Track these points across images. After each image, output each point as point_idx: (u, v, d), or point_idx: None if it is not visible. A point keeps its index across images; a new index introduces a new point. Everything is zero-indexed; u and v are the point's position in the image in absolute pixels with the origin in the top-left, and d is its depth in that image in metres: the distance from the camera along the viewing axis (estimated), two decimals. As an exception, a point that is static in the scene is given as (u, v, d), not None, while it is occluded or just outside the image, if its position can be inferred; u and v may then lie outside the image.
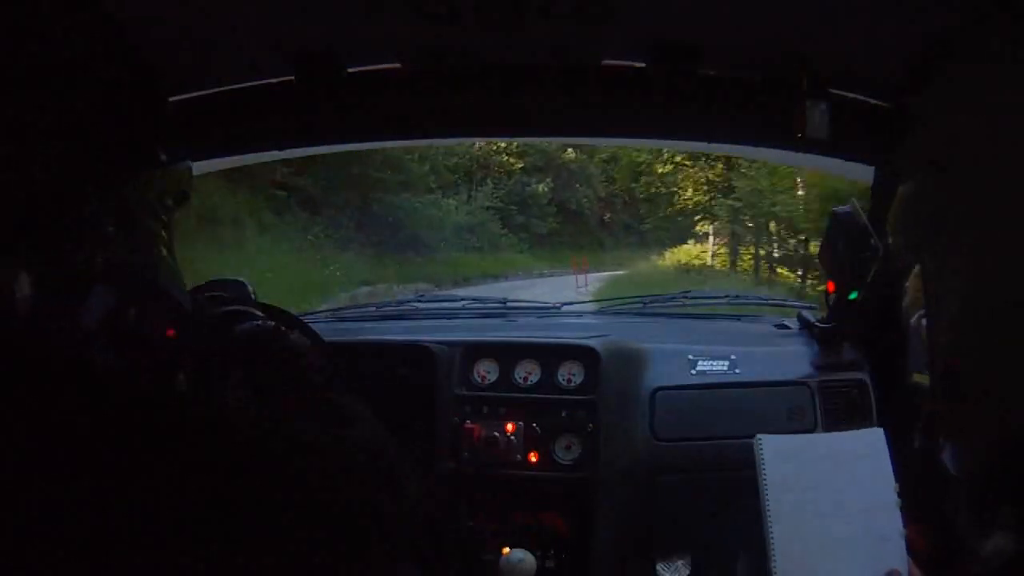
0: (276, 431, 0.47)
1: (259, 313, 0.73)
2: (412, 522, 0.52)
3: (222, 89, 0.97)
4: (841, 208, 1.20)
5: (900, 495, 0.94)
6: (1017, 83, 0.35)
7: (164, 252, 0.54)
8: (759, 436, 1.01)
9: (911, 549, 0.94)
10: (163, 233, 0.58)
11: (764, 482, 0.97)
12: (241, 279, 0.78)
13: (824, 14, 0.78)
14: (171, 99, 0.91)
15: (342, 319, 1.57)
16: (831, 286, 1.22)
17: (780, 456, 0.98)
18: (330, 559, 0.39)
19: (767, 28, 0.84)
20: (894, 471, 0.97)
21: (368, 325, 1.54)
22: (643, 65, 0.94)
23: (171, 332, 0.51)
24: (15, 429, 0.36)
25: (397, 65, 0.96)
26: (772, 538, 0.92)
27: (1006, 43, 0.36)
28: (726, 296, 1.68)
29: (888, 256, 1.12)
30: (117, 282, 0.47)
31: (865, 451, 0.98)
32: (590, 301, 1.68)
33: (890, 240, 1.10)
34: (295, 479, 0.41)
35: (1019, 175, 0.34)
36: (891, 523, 0.92)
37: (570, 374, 1.23)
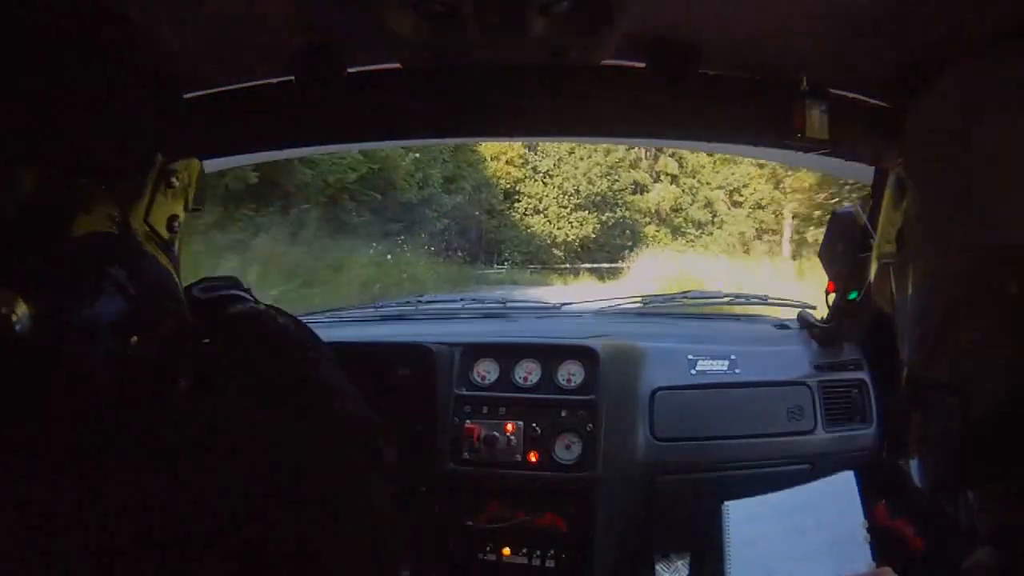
0: (273, 429, 0.47)
1: (250, 297, 0.75)
2: (390, 487, 0.54)
3: (222, 89, 0.97)
4: (841, 208, 1.20)
5: (869, 531, 0.96)
6: (1010, 91, 0.35)
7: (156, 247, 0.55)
8: (726, 503, 1.05)
9: (909, 549, 0.94)
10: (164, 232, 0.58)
11: (728, 545, 1.00)
12: (233, 276, 0.79)
13: (824, 14, 0.78)
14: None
15: (342, 319, 1.57)
16: (831, 286, 1.23)
17: (747, 519, 1.02)
18: (313, 534, 0.40)
19: (767, 28, 0.84)
20: (879, 485, 0.99)
21: (368, 325, 1.54)
22: (643, 65, 0.94)
23: (169, 326, 0.51)
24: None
25: (397, 65, 0.96)
26: None
27: (1000, 51, 0.37)
28: (726, 296, 1.67)
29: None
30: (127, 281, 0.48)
31: (835, 496, 1.01)
32: (590, 301, 1.67)
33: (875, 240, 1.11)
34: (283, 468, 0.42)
35: (1004, 176, 0.35)
36: (859, 555, 0.95)
37: (570, 374, 1.23)
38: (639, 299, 1.63)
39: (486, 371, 1.25)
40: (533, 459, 1.18)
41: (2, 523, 0.35)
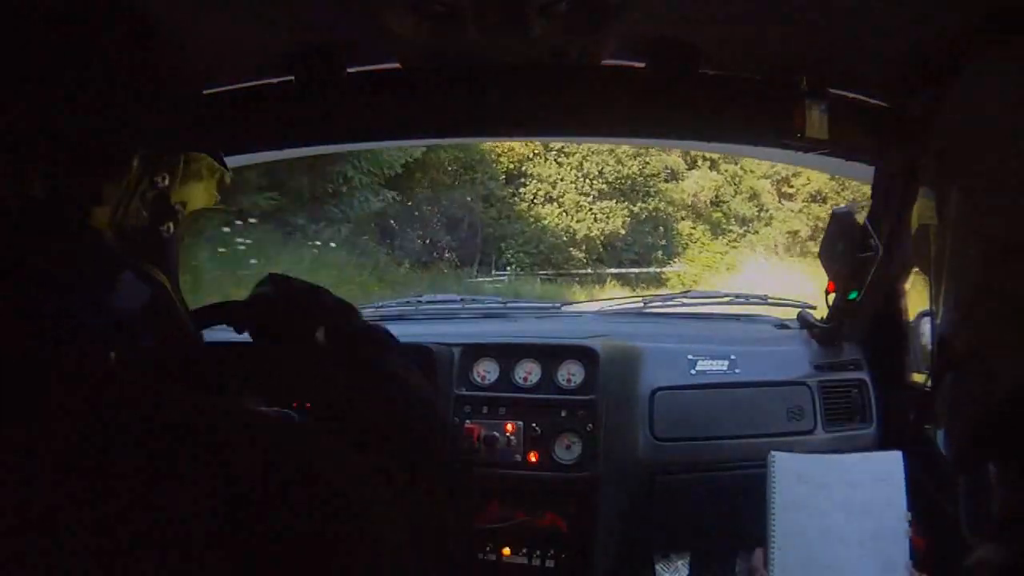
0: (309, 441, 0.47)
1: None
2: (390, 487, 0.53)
3: (222, 89, 0.97)
4: (841, 208, 1.20)
5: (911, 523, 0.93)
6: (1013, 89, 0.36)
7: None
8: (773, 453, 1.00)
9: (911, 547, 0.94)
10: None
11: (773, 501, 0.96)
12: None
13: (824, 14, 0.78)
14: None
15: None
16: (831, 286, 1.23)
17: (793, 476, 0.97)
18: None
19: (767, 28, 0.84)
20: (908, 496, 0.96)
21: None
22: (643, 65, 0.94)
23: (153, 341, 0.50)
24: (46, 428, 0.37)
25: (397, 65, 0.96)
26: (773, 557, 0.92)
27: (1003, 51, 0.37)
28: (726, 296, 1.68)
29: (888, 256, 1.12)
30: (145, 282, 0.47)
31: (881, 476, 0.98)
32: (590, 301, 1.68)
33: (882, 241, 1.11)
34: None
35: (1013, 175, 0.35)
36: (898, 550, 0.92)
37: (570, 374, 1.23)
38: (639, 299, 1.63)
39: (486, 371, 1.25)
40: (533, 459, 1.18)
41: (2, 523, 0.35)
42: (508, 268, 10.44)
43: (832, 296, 1.24)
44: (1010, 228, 0.36)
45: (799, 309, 1.43)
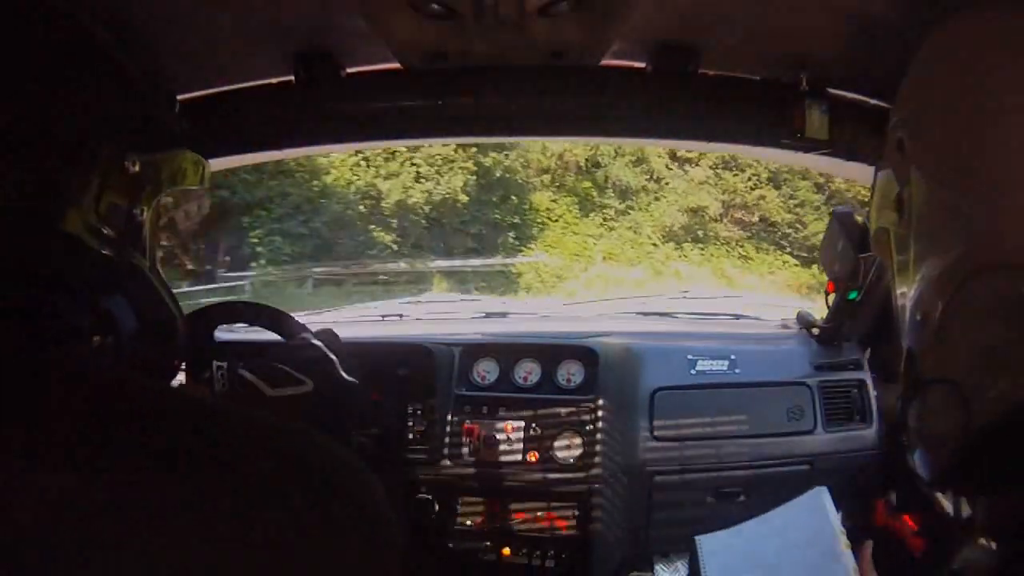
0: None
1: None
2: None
3: (221, 89, 0.97)
4: (841, 208, 1.20)
5: (849, 538, 0.96)
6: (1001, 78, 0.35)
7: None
8: (698, 538, 1.05)
9: (909, 549, 0.94)
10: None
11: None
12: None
13: (824, 14, 0.78)
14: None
15: (342, 320, 1.57)
16: (831, 286, 1.23)
17: (720, 551, 1.02)
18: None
19: (767, 28, 0.84)
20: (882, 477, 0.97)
21: (368, 325, 1.54)
22: (643, 65, 0.94)
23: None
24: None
25: (397, 65, 0.96)
26: None
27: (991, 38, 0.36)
28: (726, 296, 1.68)
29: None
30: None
31: (808, 514, 1.01)
32: (590, 301, 1.68)
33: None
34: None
35: (996, 171, 0.34)
36: (839, 567, 0.95)
37: (570, 374, 1.23)
38: (639, 299, 1.63)
39: (486, 371, 1.25)
40: (533, 459, 1.18)
41: (1, 523, 0.35)
42: (254, 264, 5.81)
43: (832, 296, 1.24)
44: (979, 232, 0.34)
45: (799, 309, 1.44)
